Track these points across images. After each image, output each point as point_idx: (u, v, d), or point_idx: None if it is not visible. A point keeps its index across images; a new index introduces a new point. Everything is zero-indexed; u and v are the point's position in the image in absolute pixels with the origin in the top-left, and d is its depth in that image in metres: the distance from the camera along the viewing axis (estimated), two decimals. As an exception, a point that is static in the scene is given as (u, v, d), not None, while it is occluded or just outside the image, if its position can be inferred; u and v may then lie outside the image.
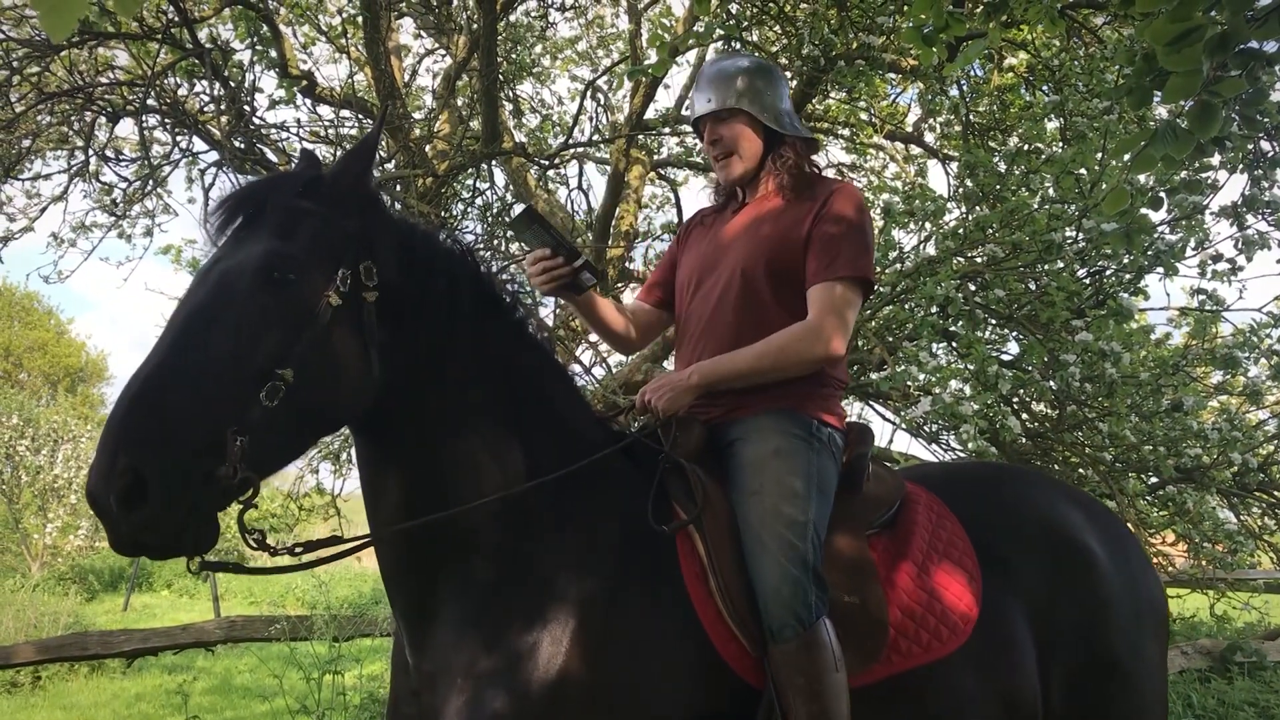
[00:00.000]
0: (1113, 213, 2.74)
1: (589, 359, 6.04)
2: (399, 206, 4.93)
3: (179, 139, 5.69)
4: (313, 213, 1.61)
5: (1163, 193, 3.79)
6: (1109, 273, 4.39)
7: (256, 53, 5.44)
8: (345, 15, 6.29)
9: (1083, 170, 4.20)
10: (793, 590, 1.74)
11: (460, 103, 6.77)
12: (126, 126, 6.48)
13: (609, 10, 7.47)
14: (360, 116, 6.01)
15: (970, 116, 5.86)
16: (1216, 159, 3.99)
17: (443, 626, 1.70)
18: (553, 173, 7.18)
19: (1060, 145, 4.65)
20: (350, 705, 5.48)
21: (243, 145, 5.17)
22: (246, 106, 5.22)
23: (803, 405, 1.98)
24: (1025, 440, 4.68)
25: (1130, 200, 2.82)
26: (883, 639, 1.83)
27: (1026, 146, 4.53)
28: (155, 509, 1.36)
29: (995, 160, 4.49)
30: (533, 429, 1.82)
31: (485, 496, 1.71)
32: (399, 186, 5.29)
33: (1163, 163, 1.78)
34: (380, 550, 1.77)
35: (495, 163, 6.27)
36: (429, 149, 5.89)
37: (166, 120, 5.65)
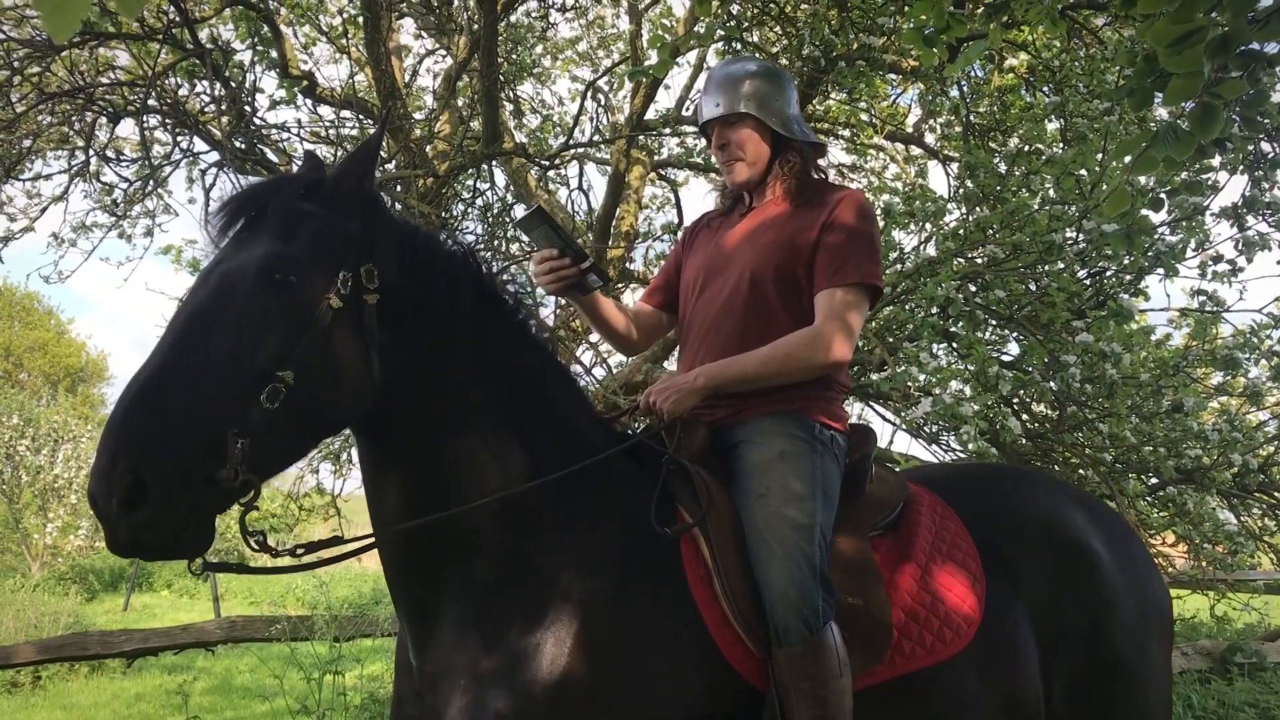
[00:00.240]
0: (1113, 214, 2.74)
1: (589, 359, 6.04)
2: (399, 207, 4.93)
3: (179, 139, 5.70)
4: (314, 215, 1.62)
5: (1163, 194, 3.78)
6: (1109, 274, 4.39)
7: (257, 53, 5.44)
8: (346, 16, 6.30)
9: (1083, 171, 4.20)
10: (800, 593, 1.74)
11: (461, 103, 6.78)
12: (127, 127, 6.46)
13: (609, 11, 7.48)
14: (361, 117, 6.01)
15: (971, 117, 5.85)
16: (1217, 160, 4.00)
17: (445, 627, 1.70)
18: (553, 173, 7.19)
19: (1061, 146, 4.65)
20: (351, 705, 5.48)
21: (243, 146, 5.18)
22: (247, 107, 5.22)
23: (806, 408, 1.99)
24: (1025, 441, 4.67)
25: (1131, 201, 2.82)
26: (886, 641, 1.83)
27: (1027, 147, 4.52)
28: (155, 510, 1.36)
29: (996, 161, 4.48)
30: (534, 429, 1.82)
31: (486, 497, 1.71)
32: (399, 187, 5.29)
33: (1164, 164, 1.78)
34: (383, 551, 1.77)
35: (496, 163, 6.27)
36: (429, 149, 5.89)
37: (167, 120, 5.65)
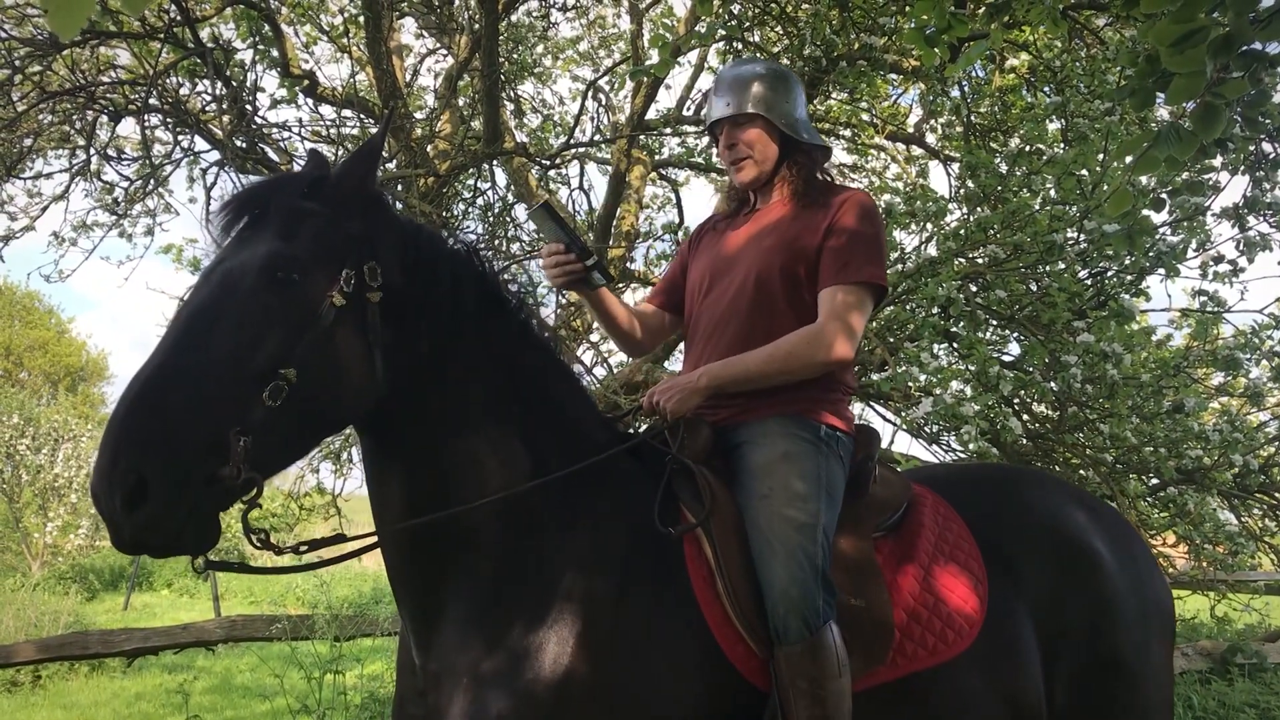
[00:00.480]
0: (1115, 214, 2.74)
1: (590, 359, 6.04)
2: (400, 206, 4.93)
3: (180, 138, 5.69)
4: (317, 214, 1.62)
5: (1165, 194, 3.78)
6: (1110, 274, 4.38)
7: (258, 52, 5.43)
8: (347, 15, 6.30)
9: (1084, 171, 4.20)
10: (801, 593, 1.74)
11: (462, 103, 6.78)
12: (128, 126, 6.46)
13: (610, 10, 7.49)
14: (362, 116, 6.01)
15: (972, 117, 5.85)
16: (1218, 160, 3.99)
17: (448, 626, 1.70)
18: (554, 173, 7.18)
19: (1062, 146, 4.64)
20: (351, 705, 5.48)
21: (244, 145, 5.17)
22: (248, 106, 5.21)
23: (810, 409, 1.99)
24: (1026, 441, 4.67)
25: (1132, 202, 2.82)
26: (888, 642, 1.83)
27: (1028, 148, 4.52)
28: (156, 509, 1.36)
29: (997, 161, 4.48)
30: (537, 429, 1.82)
31: (489, 496, 1.71)
32: (401, 186, 5.29)
33: (1165, 164, 1.78)
34: (386, 549, 1.77)
35: (497, 163, 6.26)
36: (430, 149, 5.89)
37: (168, 119, 5.64)
